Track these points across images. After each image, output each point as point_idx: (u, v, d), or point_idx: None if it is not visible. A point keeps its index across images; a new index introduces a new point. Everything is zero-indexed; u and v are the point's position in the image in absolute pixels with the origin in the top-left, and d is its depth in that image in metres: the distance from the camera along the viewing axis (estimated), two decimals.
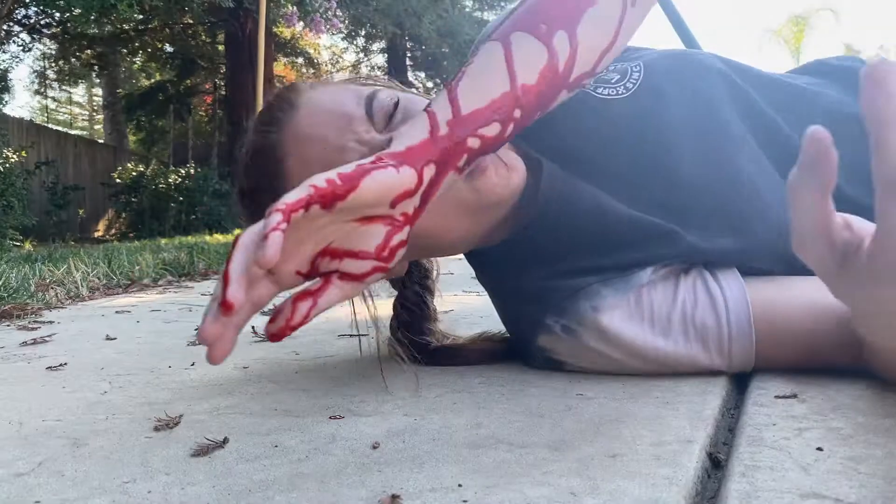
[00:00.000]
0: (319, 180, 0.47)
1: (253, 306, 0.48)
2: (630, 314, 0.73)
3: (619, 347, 0.73)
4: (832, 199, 0.41)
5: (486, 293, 0.91)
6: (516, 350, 0.85)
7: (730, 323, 0.71)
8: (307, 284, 0.52)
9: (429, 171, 0.53)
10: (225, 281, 0.44)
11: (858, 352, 0.66)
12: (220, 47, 11.31)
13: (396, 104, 0.71)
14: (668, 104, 0.79)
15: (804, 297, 0.71)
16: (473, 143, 0.55)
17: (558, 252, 0.78)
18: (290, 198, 0.45)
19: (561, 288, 0.75)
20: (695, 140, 0.78)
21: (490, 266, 0.86)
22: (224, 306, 0.43)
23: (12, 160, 5.33)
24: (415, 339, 0.88)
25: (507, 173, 0.71)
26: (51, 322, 1.45)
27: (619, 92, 0.81)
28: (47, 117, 21.11)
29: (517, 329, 0.84)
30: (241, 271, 0.44)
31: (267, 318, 0.51)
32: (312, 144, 0.70)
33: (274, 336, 0.50)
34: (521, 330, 0.82)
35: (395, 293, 0.93)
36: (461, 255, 0.90)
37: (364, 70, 14.30)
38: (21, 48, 9.68)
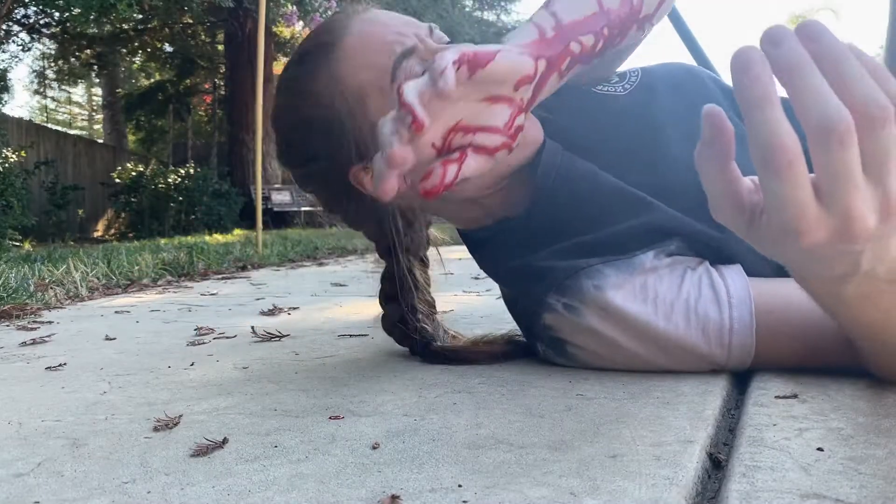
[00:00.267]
0: (464, 47, 0.52)
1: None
2: (634, 294, 0.74)
3: (619, 325, 0.74)
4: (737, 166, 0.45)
5: (486, 294, 0.91)
6: (523, 333, 0.87)
7: (732, 316, 0.72)
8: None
9: (541, 65, 0.58)
10: (408, 108, 0.46)
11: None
12: (220, 47, 11.31)
13: (449, 41, 0.79)
14: (662, 100, 0.87)
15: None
16: (575, 47, 0.61)
17: (557, 229, 0.80)
18: (447, 55, 0.49)
19: (562, 267, 0.77)
20: (685, 131, 0.84)
21: (491, 250, 0.88)
22: (416, 125, 0.46)
23: (12, 160, 5.33)
24: (412, 334, 0.88)
25: (531, 124, 0.77)
26: (50, 322, 1.45)
27: (618, 90, 0.89)
28: (47, 117, 21.13)
29: (521, 309, 0.85)
30: (418, 101, 0.47)
31: (265, 320, 0.51)
32: (375, 26, 0.78)
33: (429, 192, 0.51)
34: (525, 310, 0.82)
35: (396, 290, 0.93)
36: (462, 255, 0.90)
37: None
38: (20, 48, 9.69)
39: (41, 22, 9.33)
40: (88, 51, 11.15)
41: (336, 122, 0.77)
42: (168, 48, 11.96)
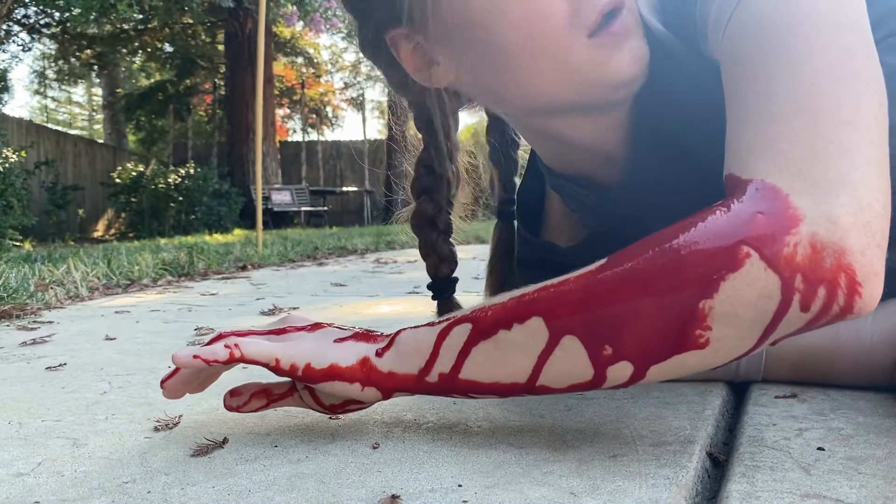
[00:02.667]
0: (285, 361, 0.56)
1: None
2: None
3: None
4: None
5: (484, 293, 0.90)
6: None
7: (739, 363, 0.70)
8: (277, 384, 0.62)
9: (400, 394, 0.57)
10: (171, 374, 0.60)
11: (881, 374, 0.65)
12: (220, 47, 11.31)
13: None
14: None
15: (828, 331, 0.67)
16: (457, 397, 0.57)
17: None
18: (219, 354, 0.56)
19: None
20: None
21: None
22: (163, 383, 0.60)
23: (12, 160, 5.33)
24: (440, 249, 0.78)
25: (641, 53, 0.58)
26: (50, 322, 1.44)
27: None
28: (47, 117, 21.14)
29: None
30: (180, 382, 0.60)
31: (265, 320, 0.51)
32: None
33: (225, 405, 0.62)
34: None
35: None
36: (462, 255, 0.90)
37: (364, 70, 14.29)
38: (20, 48, 9.71)
39: (41, 22, 9.34)
40: (88, 51, 11.16)
41: None
42: (168, 48, 11.97)
